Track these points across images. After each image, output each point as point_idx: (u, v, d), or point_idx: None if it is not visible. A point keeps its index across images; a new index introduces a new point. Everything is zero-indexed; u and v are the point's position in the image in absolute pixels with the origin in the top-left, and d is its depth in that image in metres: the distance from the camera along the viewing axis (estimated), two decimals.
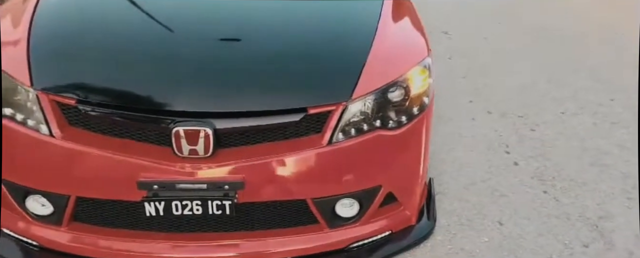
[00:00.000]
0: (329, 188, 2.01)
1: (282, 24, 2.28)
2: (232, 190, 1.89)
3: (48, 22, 2.17)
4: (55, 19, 2.22)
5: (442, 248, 2.28)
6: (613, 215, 2.56)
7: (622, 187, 2.77)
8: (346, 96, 1.97)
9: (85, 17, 2.27)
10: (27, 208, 2.04)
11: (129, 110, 1.89)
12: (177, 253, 2.03)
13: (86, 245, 2.05)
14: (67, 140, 1.90)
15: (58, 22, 2.21)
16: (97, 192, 1.95)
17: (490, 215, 2.51)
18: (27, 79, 1.93)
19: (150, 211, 1.90)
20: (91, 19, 2.26)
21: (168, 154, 1.88)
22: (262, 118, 1.91)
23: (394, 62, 2.13)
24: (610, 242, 2.39)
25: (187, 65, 2.00)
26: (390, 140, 2.04)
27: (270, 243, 2.08)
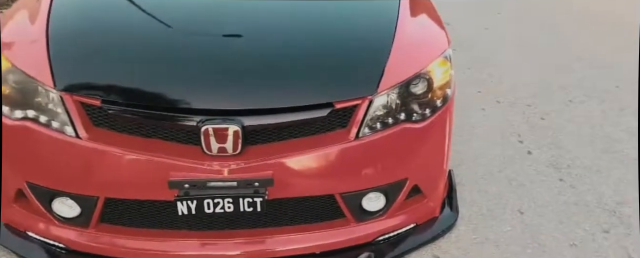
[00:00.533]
0: (356, 183, 2.01)
1: (302, 21, 2.27)
2: (262, 187, 1.89)
3: (66, 21, 2.15)
4: (73, 17, 2.19)
5: (467, 239, 2.29)
6: (629, 201, 2.58)
7: (635, 172, 2.79)
8: (372, 90, 1.97)
9: (103, 16, 2.24)
10: (53, 210, 2.02)
11: (157, 109, 1.87)
12: (206, 250, 2.03)
13: (115, 246, 2.03)
14: (93, 141, 1.88)
15: (76, 20, 2.18)
16: (126, 193, 1.94)
17: (510, 204, 2.53)
18: (50, 80, 1.91)
19: (183, 210, 1.89)
20: (109, 17, 2.23)
21: (197, 153, 1.87)
22: (289, 114, 1.90)
23: (416, 54, 2.13)
24: (629, 227, 2.41)
25: (214, 62, 1.99)
26: (415, 133, 2.05)
27: (298, 238, 2.08)
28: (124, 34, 2.12)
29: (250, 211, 1.92)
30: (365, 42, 2.16)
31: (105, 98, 1.87)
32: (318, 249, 2.10)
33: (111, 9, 2.28)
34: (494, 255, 2.21)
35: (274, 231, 2.06)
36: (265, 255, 2.06)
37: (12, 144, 1.99)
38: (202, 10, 2.26)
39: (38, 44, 2.02)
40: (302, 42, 2.13)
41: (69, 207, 2.01)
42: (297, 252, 2.08)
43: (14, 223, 2.14)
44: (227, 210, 1.91)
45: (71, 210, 2.02)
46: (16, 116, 1.95)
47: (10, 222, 2.15)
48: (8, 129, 1.96)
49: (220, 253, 2.04)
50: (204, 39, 2.10)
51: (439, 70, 2.12)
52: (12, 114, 1.96)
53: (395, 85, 2.00)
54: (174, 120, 1.87)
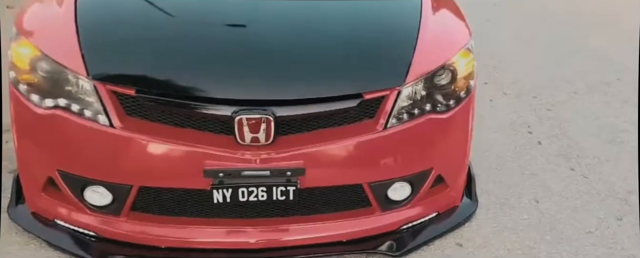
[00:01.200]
0: (384, 173, 2.05)
1: (329, 15, 2.28)
2: (294, 176, 1.92)
3: (94, 8, 2.14)
4: (101, 4, 2.19)
5: (487, 227, 2.35)
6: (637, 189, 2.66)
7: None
8: (400, 81, 2.00)
9: (131, 4, 2.23)
10: (84, 199, 2.03)
11: (191, 99, 1.89)
12: (236, 238, 2.06)
13: (146, 233, 2.05)
14: (127, 130, 1.89)
15: (105, 8, 2.18)
16: (161, 182, 1.96)
17: (526, 193, 2.59)
18: (83, 69, 1.91)
19: (218, 198, 1.91)
20: (137, 5, 2.23)
21: (229, 142, 1.89)
22: (320, 104, 1.93)
23: (441, 46, 2.17)
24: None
25: (247, 53, 2.00)
26: (440, 124, 2.09)
27: (325, 226, 2.11)
28: (154, 23, 2.12)
29: (283, 200, 1.95)
30: (391, 35, 2.19)
31: (140, 88, 1.88)
32: (345, 237, 2.14)
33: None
34: (514, 242, 2.27)
35: (302, 219, 2.10)
36: (293, 243, 2.10)
37: (43, 133, 2.00)
38: (230, 2, 2.26)
39: (67, 32, 2.01)
40: (331, 35, 2.15)
41: (101, 195, 2.03)
42: (325, 239, 2.12)
43: (43, 211, 2.15)
44: (261, 198, 1.94)
45: (102, 198, 2.03)
46: (47, 105, 1.95)
47: (39, 210, 2.16)
48: (39, 117, 1.96)
49: (250, 240, 2.06)
50: (236, 29, 2.12)
51: (462, 61, 2.16)
52: (42, 102, 1.96)
53: (421, 76, 2.04)
54: (209, 110, 1.89)
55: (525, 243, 2.27)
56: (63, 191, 2.04)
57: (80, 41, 1.97)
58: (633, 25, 5.11)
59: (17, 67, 2.05)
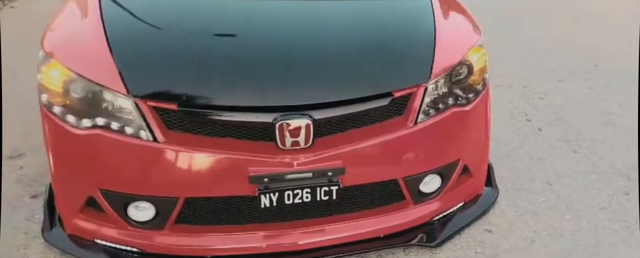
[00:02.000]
0: (417, 167, 2.14)
1: (345, 17, 2.36)
2: (335, 176, 1.98)
3: (123, 25, 2.17)
4: (128, 20, 2.21)
5: (510, 212, 2.46)
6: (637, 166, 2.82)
7: (635, 139, 3.04)
8: (425, 78, 2.10)
9: (157, 18, 2.25)
10: (128, 215, 2.05)
11: (232, 109, 1.93)
12: (283, 241, 2.10)
13: (192, 245, 2.08)
14: (170, 144, 1.92)
15: (133, 23, 2.20)
16: (207, 191, 1.99)
17: (538, 177, 2.72)
18: (122, 87, 1.93)
19: (265, 203, 1.96)
20: (163, 19, 2.25)
21: (270, 148, 1.95)
22: (354, 105, 2.00)
23: (456, 43, 2.28)
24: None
25: (280, 59, 2.07)
26: (464, 116, 2.20)
27: (364, 223, 2.18)
28: (185, 35, 2.16)
29: (326, 199, 2.01)
30: (410, 35, 2.29)
31: (181, 102, 1.92)
32: (382, 232, 2.21)
33: (163, 10, 2.32)
34: (538, 224, 2.39)
35: (341, 218, 2.16)
36: (336, 242, 2.15)
37: (84, 153, 2.01)
38: (254, 9, 2.32)
39: (100, 50, 2.03)
40: (353, 38, 2.23)
41: (143, 210, 2.05)
42: (364, 236, 2.18)
43: (81, 232, 2.15)
44: (305, 200, 2.00)
45: (145, 213, 2.05)
46: (85, 125, 1.97)
47: (77, 231, 2.15)
48: (78, 138, 1.98)
49: (295, 242, 2.11)
50: (265, 36, 2.17)
51: (476, 56, 2.27)
52: (79, 123, 1.98)
53: (443, 72, 2.15)
54: (250, 118, 1.93)
55: (548, 224, 2.39)
56: (105, 209, 2.05)
57: (115, 59, 1.99)
58: (599, 11, 5.39)
59: (49, 90, 2.05)
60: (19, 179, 2.61)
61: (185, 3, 2.35)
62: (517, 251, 2.24)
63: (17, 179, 2.61)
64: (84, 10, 2.30)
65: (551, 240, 2.30)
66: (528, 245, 2.27)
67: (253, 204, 2.00)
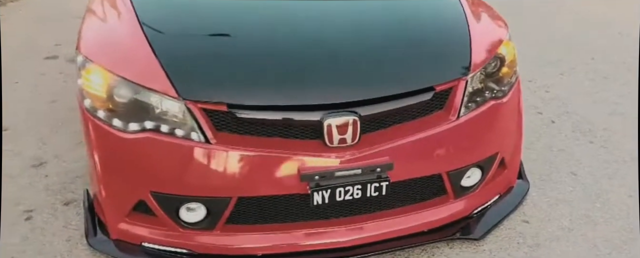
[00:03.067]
0: (460, 161, 2.17)
1: (382, 16, 2.38)
2: (383, 171, 2.00)
3: (161, 25, 2.15)
4: (166, 20, 2.20)
5: (542, 203, 2.52)
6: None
7: None
8: (466, 71, 2.15)
9: (195, 18, 2.25)
10: (180, 217, 2.03)
11: (281, 109, 1.94)
12: (332, 238, 2.11)
13: (243, 244, 2.08)
14: (222, 144, 1.92)
15: (172, 24, 2.20)
16: (260, 191, 1.98)
17: (561, 168, 2.79)
18: (172, 90, 1.92)
19: (317, 200, 1.96)
20: (202, 19, 2.25)
21: (319, 145, 1.96)
22: (398, 101, 2.03)
23: (489, 38, 2.33)
24: None
25: (325, 58, 2.08)
26: (501, 108, 2.25)
27: (409, 218, 2.20)
28: (226, 36, 2.15)
29: (376, 195, 2.02)
30: (445, 30, 2.33)
31: (231, 103, 1.91)
32: (426, 227, 2.23)
33: (198, 10, 2.30)
34: (572, 213, 2.46)
35: (388, 213, 2.18)
36: (383, 237, 2.17)
37: (133, 157, 1.99)
38: (291, 8, 2.32)
39: (143, 53, 2.01)
40: (392, 35, 2.27)
41: (193, 211, 2.03)
42: (410, 231, 2.20)
43: (128, 236, 2.12)
44: (356, 196, 2.01)
45: (196, 214, 2.04)
46: (133, 129, 1.95)
47: (123, 236, 2.12)
48: (126, 142, 1.95)
49: (343, 239, 2.12)
50: (306, 35, 2.19)
51: (506, 49, 2.33)
52: (127, 127, 1.95)
53: (481, 65, 2.20)
54: (298, 116, 1.94)
55: (581, 213, 2.46)
56: (155, 212, 2.03)
57: (161, 62, 1.97)
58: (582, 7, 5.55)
59: (92, 95, 2.02)
60: (47, 187, 2.55)
61: (219, 2, 2.34)
62: (557, 240, 2.30)
63: (45, 188, 2.55)
64: (116, 12, 2.28)
65: (588, 228, 2.37)
66: (567, 234, 2.33)
67: (304, 202, 2.01)
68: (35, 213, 2.38)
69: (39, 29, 4.68)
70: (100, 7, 2.38)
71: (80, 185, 2.56)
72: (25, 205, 2.43)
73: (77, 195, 2.49)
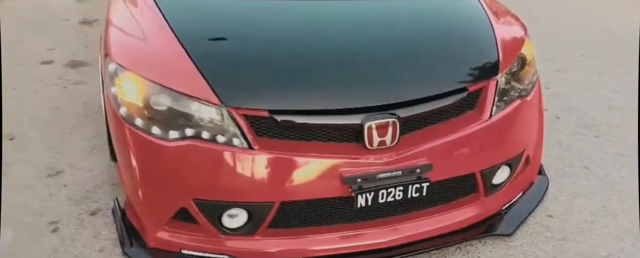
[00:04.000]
0: (492, 159, 2.22)
1: (410, 19, 2.42)
2: (422, 172, 2.03)
3: (195, 31, 2.16)
4: (199, 27, 2.21)
5: (562, 197, 2.60)
6: None
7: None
8: (495, 72, 2.20)
9: (228, 24, 2.26)
10: (222, 223, 2.02)
11: (322, 113, 1.95)
12: (372, 239, 2.13)
13: (284, 247, 2.08)
14: (264, 149, 1.92)
15: (205, 30, 2.20)
16: (303, 194, 1.99)
17: (574, 162, 2.88)
18: (214, 97, 1.91)
19: (361, 203, 1.98)
20: (234, 24, 2.26)
21: (359, 148, 1.97)
22: (434, 102, 2.06)
23: (512, 39, 2.39)
24: None
25: (362, 61, 2.10)
26: (526, 106, 2.31)
27: (444, 217, 2.24)
28: (262, 41, 2.16)
29: (417, 196, 2.05)
30: (472, 32, 2.39)
31: (273, 108, 1.91)
32: (460, 225, 2.27)
33: (228, 14, 2.31)
34: (592, 206, 2.54)
35: (425, 213, 2.21)
36: (420, 237, 2.20)
37: (174, 165, 1.97)
38: (321, 11, 2.33)
39: (180, 60, 2.00)
40: (423, 37, 2.32)
41: (235, 217, 2.02)
42: (445, 230, 2.24)
43: (166, 245, 2.10)
44: (397, 198, 2.03)
45: (237, 220, 2.03)
46: (173, 136, 1.93)
47: (161, 244, 2.10)
48: (167, 150, 1.94)
49: (383, 240, 2.14)
50: (339, 38, 2.21)
51: (527, 49, 2.39)
52: (166, 135, 1.94)
53: (508, 65, 2.26)
54: (339, 120, 1.96)
55: (600, 205, 2.54)
56: (197, 219, 2.01)
57: (200, 69, 1.96)
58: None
59: (128, 103, 2.00)
60: (69, 197, 2.50)
61: (247, 6, 2.33)
62: (582, 233, 2.37)
63: (66, 198, 2.50)
64: (144, 18, 2.26)
65: (609, 220, 2.45)
66: (590, 226, 2.41)
67: (347, 204, 2.02)
68: (61, 225, 2.33)
69: (29, 32, 4.55)
70: (124, 12, 2.35)
71: (102, 195, 2.52)
72: (49, 216, 2.37)
73: (101, 205, 2.45)
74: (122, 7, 2.40)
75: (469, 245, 2.28)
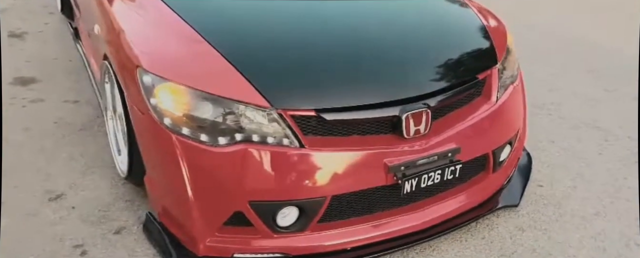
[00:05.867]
0: (501, 139, 2.45)
1: (413, 18, 2.64)
2: (453, 155, 2.22)
3: (225, 35, 2.20)
4: (227, 30, 2.26)
5: (543, 168, 2.93)
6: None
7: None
8: (495, 61, 2.46)
9: (256, 26, 2.32)
10: (276, 222, 2.07)
11: (363, 108, 2.07)
12: (410, 223, 2.27)
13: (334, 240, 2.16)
14: (313, 147, 2.00)
15: (238, 34, 2.25)
16: (352, 186, 2.09)
17: (541, 138, 3.23)
18: (263, 100, 1.96)
19: (407, 189, 2.13)
20: (258, 26, 2.33)
21: (397, 138, 2.12)
22: (454, 90, 2.27)
23: (499, 34, 2.66)
24: None
25: (393, 56, 2.27)
26: (517, 91, 2.60)
27: (466, 195, 2.43)
28: (296, 42, 2.25)
29: (451, 178, 2.24)
30: (469, 28, 2.65)
31: (320, 107, 2.01)
32: (477, 202, 2.48)
33: (253, 17, 2.38)
34: (569, 174, 2.88)
35: (449, 193, 2.38)
36: (451, 214, 2.37)
37: (228, 170, 1.99)
38: (338, 11, 2.46)
39: (220, 66, 2.04)
40: (434, 36, 2.53)
41: (286, 215, 2.08)
42: (467, 207, 2.43)
43: (217, 252, 2.10)
44: (436, 181, 2.21)
45: (288, 218, 2.09)
46: (223, 142, 1.96)
47: (212, 252, 2.10)
48: (219, 156, 1.97)
49: (417, 222, 2.29)
50: (367, 36, 2.36)
51: (510, 41, 2.68)
52: (216, 141, 1.96)
53: (502, 55, 2.53)
54: (380, 113, 2.09)
55: (575, 173, 2.90)
56: (252, 221, 2.05)
57: (244, 74, 2.01)
58: None
59: (172, 113, 1.99)
60: (83, 219, 2.38)
61: (273, 9, 2.40)
62: (570, 197, 2.69)
63: (80, 219, 2.38)
64: (165, 24, 2.26)
65: (586, 185, 2.80)
66: (574, 191, 2.75)
67: (393, 192, 2.16)
68: (87, 247, 2.23)
69: None
70: (137, 19, 2.33)
71: (119, 212, 2.43)
72: (71, 240, 2.26)
73: (122, 222, 2.37)
74: (132, 14, 2.36)
75: (485, 219, 2.50)
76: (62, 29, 4.68)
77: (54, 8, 5.18)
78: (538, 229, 2.46)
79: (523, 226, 2.47)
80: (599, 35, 5.22)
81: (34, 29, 4.68)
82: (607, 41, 5.07)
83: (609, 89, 4.06)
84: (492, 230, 2.44)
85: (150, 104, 2.03)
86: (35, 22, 4.82)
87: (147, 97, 2.04)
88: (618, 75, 4.26)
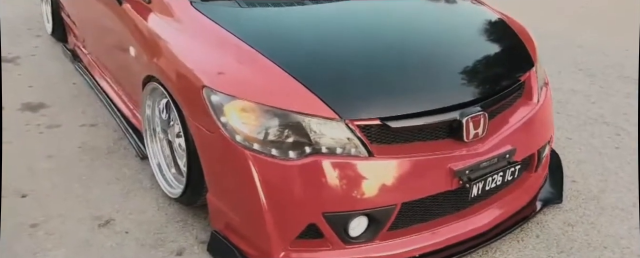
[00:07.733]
0: (544, 137, 2.55)
1: (452, 25, 2.71)
2: (510, 156, 2.28)
3: (281, 49, 2.22)
4: (282, 43, 2.28)
5: (571, 164, 3.03)
6: None
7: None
8: (532, 64, 2.57)
9: (306, 36, 2.38)
10: (348, 233, 2.08)
11: (426, 114, 2.11)
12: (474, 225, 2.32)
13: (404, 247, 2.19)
14: (381, 156, 2.03)
15: (293, 47, 2.28)
16: (420, 193, 2.12)
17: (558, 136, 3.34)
18: (331, 112, 1.98)
19: (474, 192, 2.18)
20: (313, 36, 2.38)
21: (456, 143, 2.17)
22: (503, 93, 2.34)
23: (528, 38, 2.76)
24: None
25: (444, 63, 2.35)
26: (549, 92, 2.70)
27: (518, 194, 2.50)
28: (351, 52, 2.30)
29: (511, 178, 2.31)
30: (503, 34, 2.73)
31: (385, 115, 2.05)
32: (526, 201, 2.55)
33: (299, 27, 2.45)
34: (596, 169, 3.00)
35: (503, 194, 2.43)
36: (506, 215, 2.43)
37: (301, 183, 2.00)
38: (385, 22, 2.52)
39: (280, 79, 2.06)
40: (476, 42, 2.61)
41: (356, 225, 2.09)
42: (519, 205, 2.50)
43: None
44: (498, 183, 2.26)
45: (358, 228, 2.10)
46: (294, 156, 1.97)
47: None
48: (292, 170, 1.98)
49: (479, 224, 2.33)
50: (416, 46, 2.43)
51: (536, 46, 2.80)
52: (287, 155, 1.97)
53: (536, 59, 2.63)
54: (441, 118, 2.14)
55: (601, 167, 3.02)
56: (325, 233, 2.06)
57: (308, 87, 2.03)
58: None
59: (242, 130, 1.99)
60: (141, 243, 2.33)
61: (320, 22, 2.43)
62: (605, 191, 2.81)
63: (138, 244, 2.33)
64: (219, 42, 2.25)
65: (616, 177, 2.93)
66: (607, 184, 2.86)
67: (462, 196, 2.21)
68: None
69: None
70: (183, 37, 2.34)
71: (175, 233, 2.40)
72: None
73: (182, 243, 2.34)
74: (178, 34, 2.37)
75: (535, 218, 2.57)
76: (54, 51, 4.57)
77: (38, 30, 5.06)
78: (586, 223, 2.55)
79: (571, 222, 2.56)
80: (575, 33, 5.43)
81: (25, 52, 4.55)
82: (589, 39, 5.29)
83: (603, 86, 4.25)
84: (544, 227, 2.52)
85: (221, 122, 2.01)
86: (24, 46, 4.68)
87: (217, 115, 2.02)
88: (607, 73, 4.46)
